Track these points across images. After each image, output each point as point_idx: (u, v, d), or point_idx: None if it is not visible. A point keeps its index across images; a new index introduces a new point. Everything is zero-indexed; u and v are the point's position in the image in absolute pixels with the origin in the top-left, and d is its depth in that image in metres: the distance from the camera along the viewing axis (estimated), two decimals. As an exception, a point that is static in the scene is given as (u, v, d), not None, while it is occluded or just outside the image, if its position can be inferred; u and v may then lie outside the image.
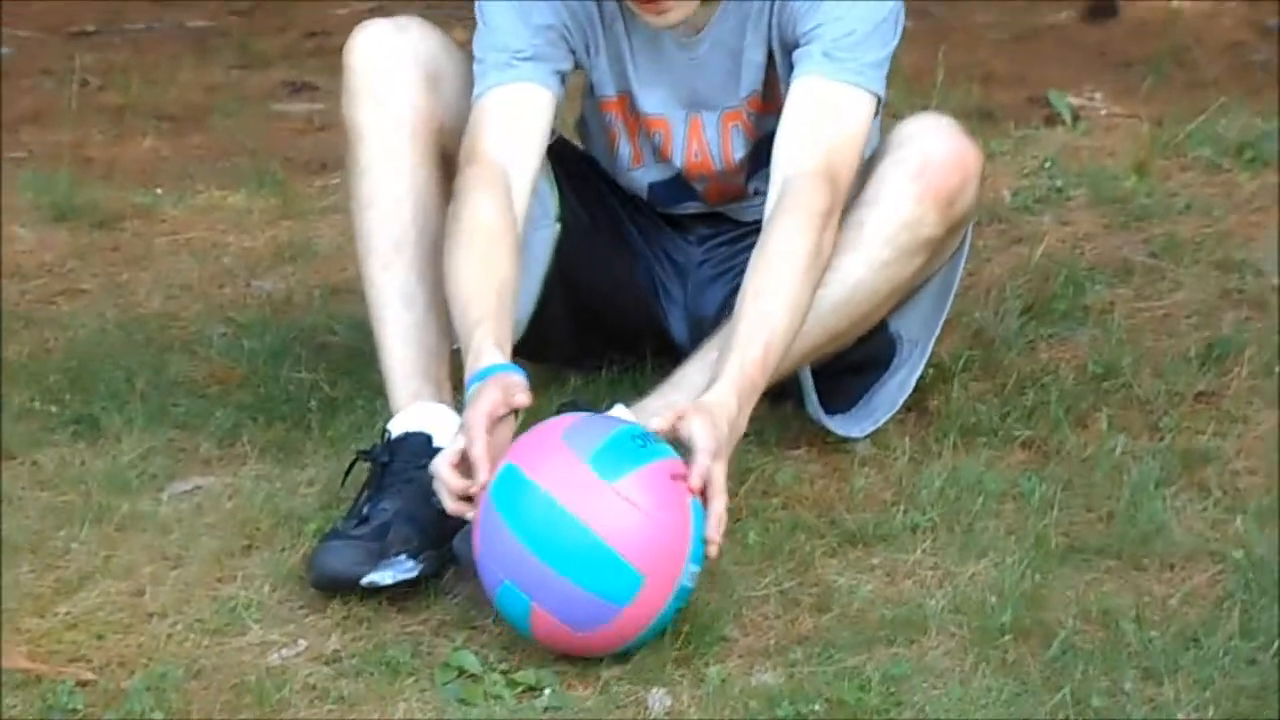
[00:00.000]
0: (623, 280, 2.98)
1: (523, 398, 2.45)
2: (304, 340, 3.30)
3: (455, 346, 2.82)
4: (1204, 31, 6.23)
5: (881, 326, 2.87)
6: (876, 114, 2.72)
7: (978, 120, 4.93)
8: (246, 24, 6.31)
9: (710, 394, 2.46)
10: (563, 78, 2.79)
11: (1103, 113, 5.00)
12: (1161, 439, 2.90)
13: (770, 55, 2.78)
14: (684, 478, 2.37)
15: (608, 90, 2.86)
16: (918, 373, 2.92)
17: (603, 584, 2.33)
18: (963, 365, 3.09)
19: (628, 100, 2.86)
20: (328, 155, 4.79)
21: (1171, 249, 3.50)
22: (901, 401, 2.92)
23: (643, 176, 2.94)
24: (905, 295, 2.84)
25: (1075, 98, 5.22)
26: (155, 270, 3.63)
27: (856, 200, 2.71)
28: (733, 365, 2.50)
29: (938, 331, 2.92)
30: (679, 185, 2.94)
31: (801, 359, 2.74)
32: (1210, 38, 6.15)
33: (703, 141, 2.86)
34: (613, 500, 2.34)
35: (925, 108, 4.73)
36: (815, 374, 2.84)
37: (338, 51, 5.80)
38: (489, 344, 2.48)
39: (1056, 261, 3.46)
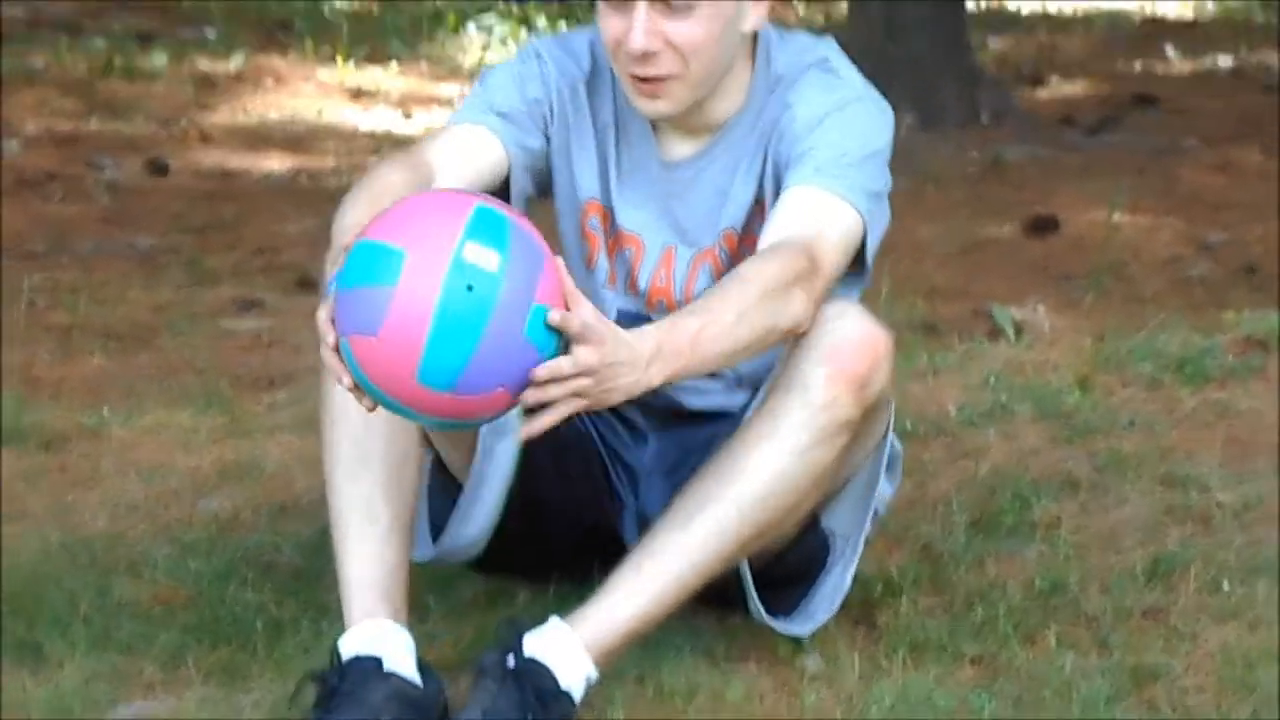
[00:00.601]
0: (580, 485, 2.98)
1: None
2: (250, 560, 3.28)
3: (414, 559, 2.82)
4: (1143, 246, 6.32)
5: (813, 525, 2.88)
6: (861, 247, 2.75)
7: (923, 334, 4.99)
8: (196, 242, 6.34)
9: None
10: (528, 163, 2.84)
11: (1045, 327, 5.05)
12: (1110, 656, 2.89)
13: (758, 198, 2.83)
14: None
15: (593, 191, 2.90)
16: (853, 567, 2.92)
17: (368, 273, 2.37)
18: (911, 580, 3.09)
19: (610, 215, 2.90)
20: (275, 372, 4.80)
21: (1116, 464, 3.52)
22: (840, 600, 2.91)
23: (613, 301, 2.94)
24: (831, 486, 2.83)
25: (1018, 311, 5.28)
26: (101, 491, 3.61)
27: (771, 388, 2.73)
28: (666, 321, 2.54)
29: (867, 524, 2.91)
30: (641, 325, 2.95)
31: (734, 553, 2.72)
32: (1149, 253, 6.24)
33: (670, 270, 2.89)
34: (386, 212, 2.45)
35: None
36: (756, 580, 2.84)
37: (286, 268, 5.91)
38: None
39: (1002, 476, 3.48)
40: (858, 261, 2.78)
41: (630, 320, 2.93)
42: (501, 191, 2.84)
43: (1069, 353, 4.16)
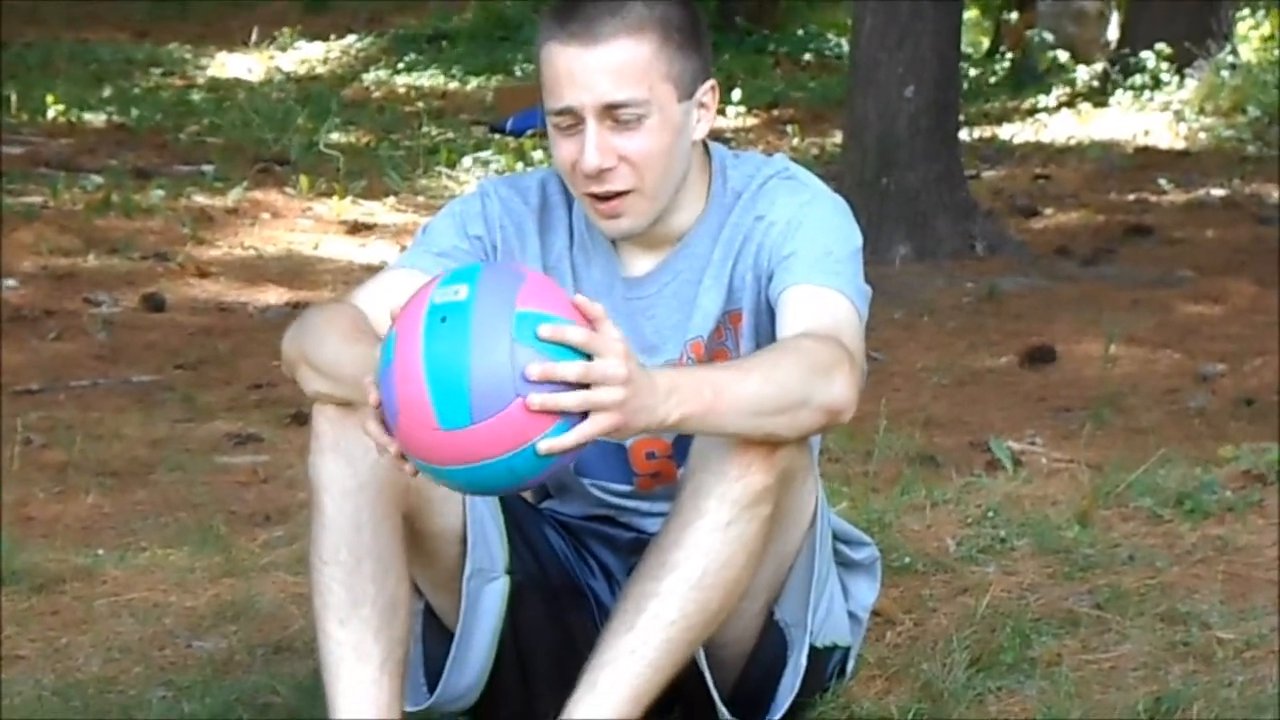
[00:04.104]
0: (574, 624, 2.96)
1: None
2: (246, 701, 3.25)
3: (408, 709, 2.79)
4: (1140, 378, 6.33)
5: (769, 622, 2.85)
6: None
7: (920, 466, 4.97)
8: (192, 377, 6.35)
9: None
10: None
11: (1043, 460, 5.04)
12: (1113, 795, 2.86)
13: (726, 309, 2.83)
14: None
15: None
16: (805, 650, 2.88)
17: (380, 362, 2.46)
18: (912, 718, 3.06)
19: None
20: (271, 507, 4.79)
21: (1116, 600, 3.50)
22: (799, 682, 2.87)
23: None
24: (774, 571, 2.79)
25: (1016, 443, 5.27)
26: (95, 633, 3.58)
27: (686, 472, 2.70)
28: (690, 367, 2.60)
29: (811, 606, 2.87)
30: (609, 452, 2.92)
31: (685, 641, 2.66)
32: (1146, 384, 6.25)
33: None
34: None
35: (869, 454, 4.79)
36: (731, 693, 2.83)
37: (282, 402, 5.92)
38: None
39: (1002, 613, 3.45)
40: None
41: (593, 453, 2.92)
42: None
43: (1068, 486, 4.15)
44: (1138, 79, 11.80)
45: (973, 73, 12.80)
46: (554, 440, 2.42)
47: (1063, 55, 12.46)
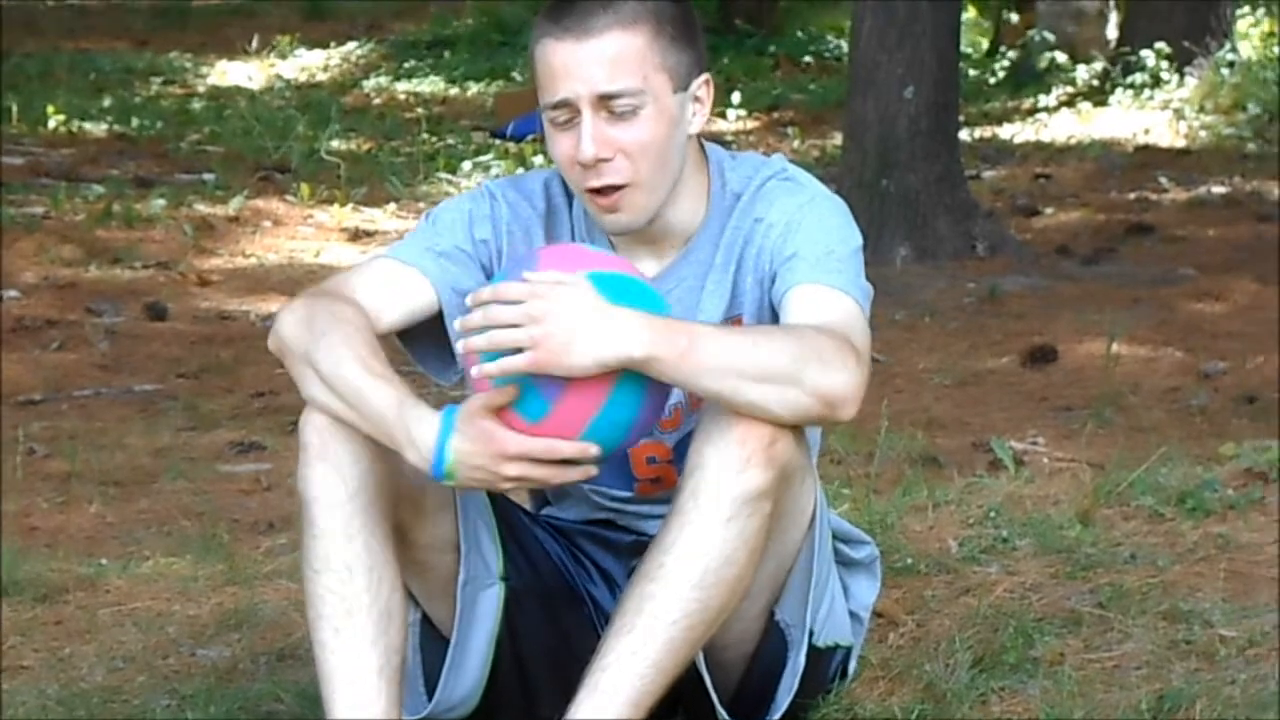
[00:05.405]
0: (573, 628, 2.96)
1: None
2: (250, 709, 3.25)
3: (407, 718, 2.79)
4: (1142, 376, 6.33)
5: (770, 623, 2.86)
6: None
7: (922, 466, 4.97)
8: (194, 386, 6.35)
9: None
10: (461, 305, 2.74)
11: (1045, 459, 5.04)
12: (1117, 794, 2.86)
13: (728, 314, 2.84)
14: None
15: None
16: (804, 650, 2.89)
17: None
18: (915, 719, 3.06)
19: None
20: (275, 515, 4.79)
21: (1118, 599, 3.50)
22: (796, 682, 2.88)
23: None
24: (768, 564, 2.78)
25: (1018, 443, 5.27)
26: (99, 643, 3.58)
27: (685, 471, 2.69)
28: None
29: (811, 606, 2.87)
30: (610, 458, 2.91)
31: (687, 641, 2.66)
32: (1148, 383, 6.25)
33: None
34: None
35: (871, 455, 4.79)
36: (733, 694, 2.84)
37: (284, 410, 5.92)
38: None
39: (1005, 613, 3.46)
40: None
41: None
42: (437, 325, 2.86)
43: (1070, 486, 4.15)
44: (1138, 77, 11.79)
45: (972, 73, 12.80)
46: (490, 364, 2.58)
47: (1062, 55, 12.46)
